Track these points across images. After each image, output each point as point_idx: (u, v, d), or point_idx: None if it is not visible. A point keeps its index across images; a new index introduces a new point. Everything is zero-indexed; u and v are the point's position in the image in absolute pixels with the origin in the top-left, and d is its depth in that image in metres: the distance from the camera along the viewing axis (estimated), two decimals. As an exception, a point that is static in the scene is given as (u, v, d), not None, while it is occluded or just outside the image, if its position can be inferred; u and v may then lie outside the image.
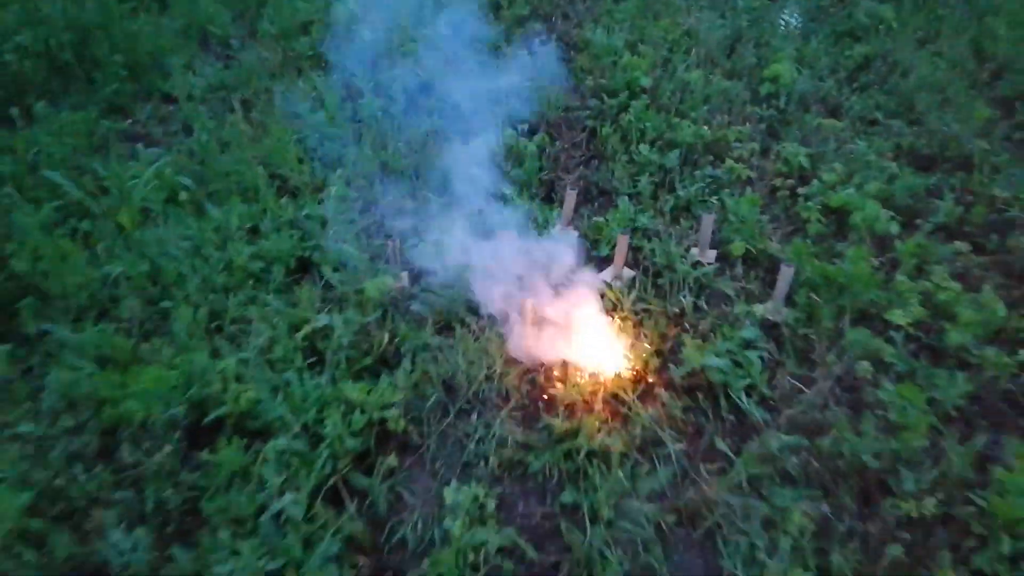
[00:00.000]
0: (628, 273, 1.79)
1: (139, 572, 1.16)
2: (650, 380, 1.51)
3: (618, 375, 1.51)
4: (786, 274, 1.64)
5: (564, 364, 1.54)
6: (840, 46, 2.72)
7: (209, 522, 1.23)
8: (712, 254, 1.83)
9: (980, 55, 2.67)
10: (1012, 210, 1.96)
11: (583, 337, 1.57)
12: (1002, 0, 2.95)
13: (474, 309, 1.64)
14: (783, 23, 2.60)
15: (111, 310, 1.63)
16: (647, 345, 1.56)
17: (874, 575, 1.18)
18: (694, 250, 1.84)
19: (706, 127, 2.26)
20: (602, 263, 1.83)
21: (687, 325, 1.65)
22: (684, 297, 1.69)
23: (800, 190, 2.03)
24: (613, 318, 1.63)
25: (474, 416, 1.44)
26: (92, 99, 2.40)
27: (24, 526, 1.19)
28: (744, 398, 1.46)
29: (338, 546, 1.19)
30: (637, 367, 1.52)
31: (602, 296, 1.67)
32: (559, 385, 1.50)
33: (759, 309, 1.67)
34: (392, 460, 1.34)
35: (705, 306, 1.71)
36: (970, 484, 1.28)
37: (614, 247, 1.79)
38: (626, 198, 1.99)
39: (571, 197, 1.93)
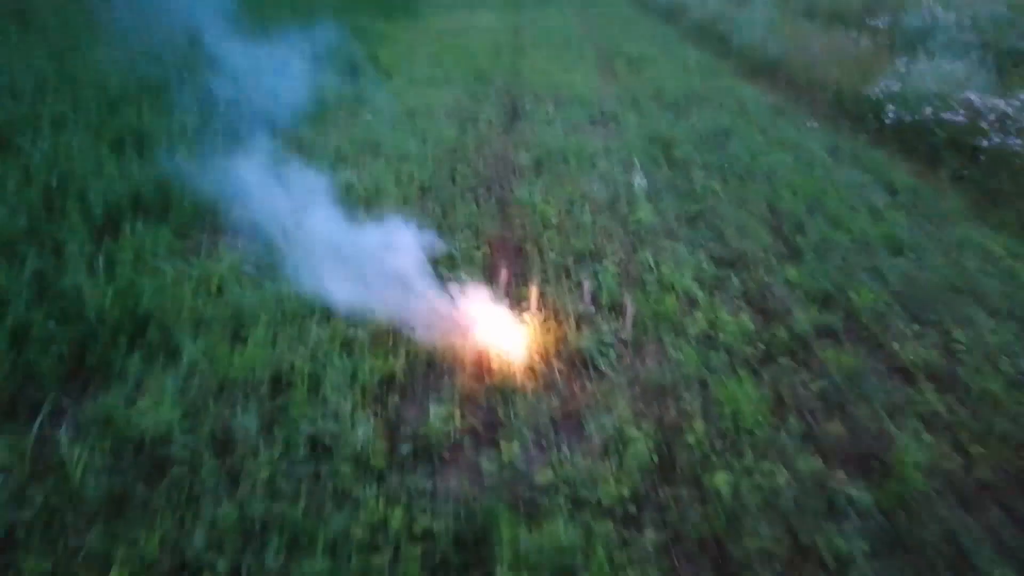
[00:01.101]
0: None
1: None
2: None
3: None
4: (631, 309, 2.81)
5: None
6: (682, 202, 4.13)
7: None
8: (590, 302, 3.00)
9: (773, 210, 4.09)
10: (774, 281, 3.21)
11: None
12: (791, 176, 4.48)
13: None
14: (635, 185, 4.05)
15: None
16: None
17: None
18: (580, 306, 3.00)
19: (593, 244, 3.53)
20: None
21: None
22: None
23: (646, 276, 3.26)
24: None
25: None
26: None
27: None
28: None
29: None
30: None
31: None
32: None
33: (616, 328, 2.81)
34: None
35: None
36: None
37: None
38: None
39: (505, 275, 3.11)
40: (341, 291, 2.84)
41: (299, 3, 12.67)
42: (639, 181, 4.18)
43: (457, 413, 2.33)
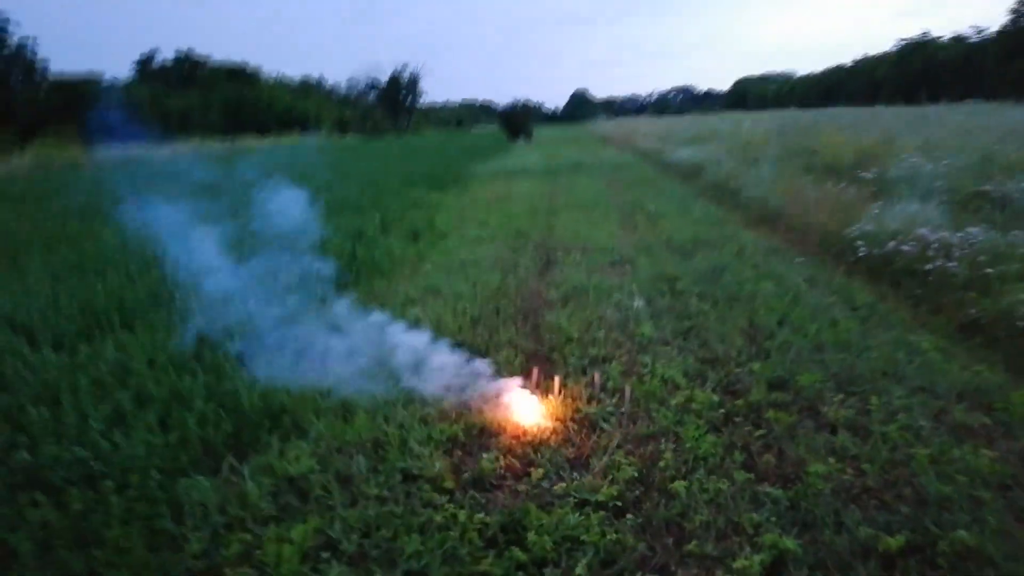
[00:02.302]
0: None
1: None
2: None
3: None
4: (628, 391, 3.86)
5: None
6: (678, 321, 5.24)
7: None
8: (599, 389, 4.05)
9: (751, 324, 5.15)
10: (742, 372, 4.21)
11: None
12: (769, 299, 5.56)
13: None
14: (635, 306, 5.21)
15: None
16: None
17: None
18: (591, 390, 4.06)
19: (604, 351, 4.63)
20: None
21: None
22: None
23: (643, 371, 4.31)
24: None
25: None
26: None
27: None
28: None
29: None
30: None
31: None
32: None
33: (616, 403, 3.85)
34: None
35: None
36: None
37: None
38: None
39: (536, 373, 4.21)
40: (417, 386, 3.98)
41: (368, 181, 14.87)
42: (638, 303, 5.33)
43: (500, 458, 3.36)
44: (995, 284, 5.26)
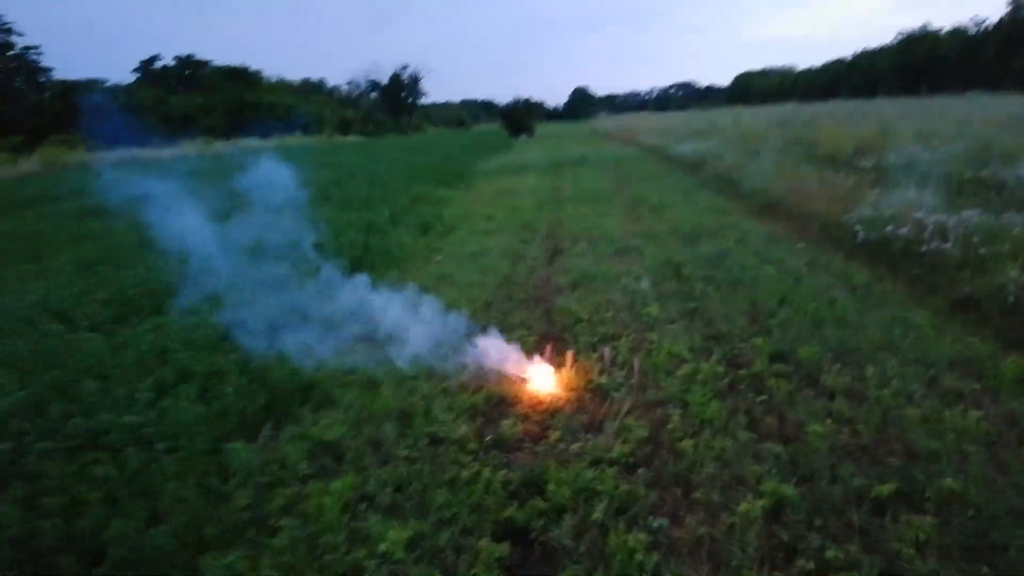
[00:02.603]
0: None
1: None
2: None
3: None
4: (637, 364, 4.10)
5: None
6: (683, 302, 5.47)
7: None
8: (609, 362, 4.29)
9: (753, 305, 5.37)
10: (745, 347, 4.44)
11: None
12: (771, 282, 5.79)
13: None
14: (642, 285, 5.44)
15: None
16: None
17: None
18: (601, 364, 4.29)
19: (612, 331, 4.86)
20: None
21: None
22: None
23: (650, 347, 4.55)
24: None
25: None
26: None
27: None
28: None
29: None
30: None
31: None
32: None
33: (626, 374, 4.08)
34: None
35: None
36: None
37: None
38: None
39: (548, 349, 4.45)
40: (437, 361, 4.23)
41: (375, 178, 15.11)
42: (644, 284, 5.57)
43: (519, 424, 3.60)
44: (988, 263, 5.48)
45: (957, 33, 60.71)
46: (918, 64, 60.20)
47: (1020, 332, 4.46)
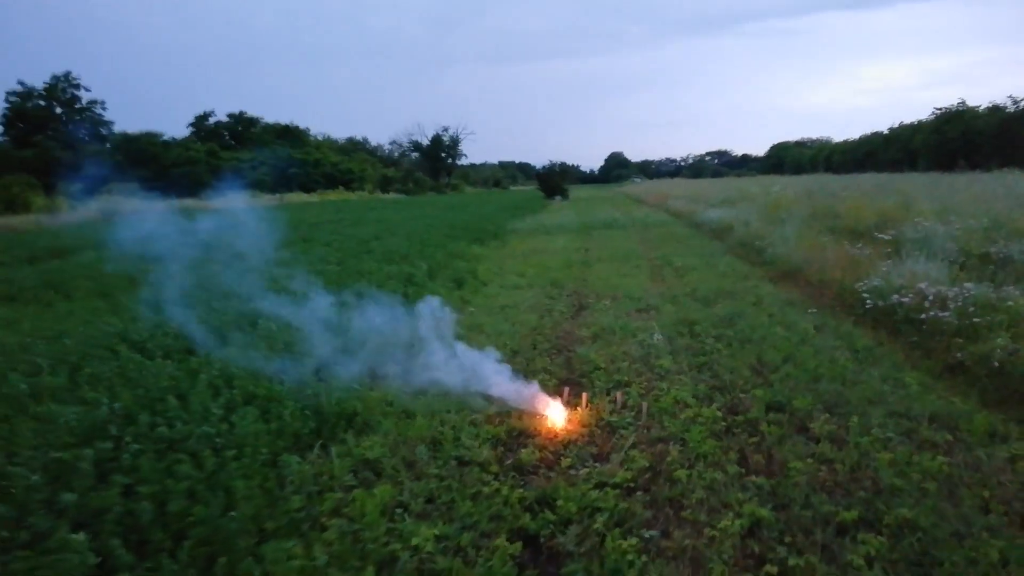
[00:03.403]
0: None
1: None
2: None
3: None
4: (645, 406, 4.58)
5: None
6: (694, 357, 5.95)
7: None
8: (620, 405, 4.77)
9: (759, 360, 5.83)
10: (746, 396, 4.90)
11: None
12: (779, 341, 6.24)
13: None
14: (657, 340, 5.94)
15: None
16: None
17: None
18: (612, 406, 4.78)
19: (626, 378, 5.36)
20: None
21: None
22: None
23: (659, 393, 5.03)
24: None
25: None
26: None
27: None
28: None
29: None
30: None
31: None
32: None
33: (634, 415, 4.56)
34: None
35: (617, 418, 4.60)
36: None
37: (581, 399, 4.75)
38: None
39: (566, 392, 4.96)
40: (467, 396, 4.77)
41: (413, 235, 15.95)
42: (657, 336, 6.08)
43: (536, 452, 4.11)
44: (982, 332, 5.88)
45: (995, 110, 61.10)
46: (954, 140, 60.49)
47: (1002, 393, 4.85)
